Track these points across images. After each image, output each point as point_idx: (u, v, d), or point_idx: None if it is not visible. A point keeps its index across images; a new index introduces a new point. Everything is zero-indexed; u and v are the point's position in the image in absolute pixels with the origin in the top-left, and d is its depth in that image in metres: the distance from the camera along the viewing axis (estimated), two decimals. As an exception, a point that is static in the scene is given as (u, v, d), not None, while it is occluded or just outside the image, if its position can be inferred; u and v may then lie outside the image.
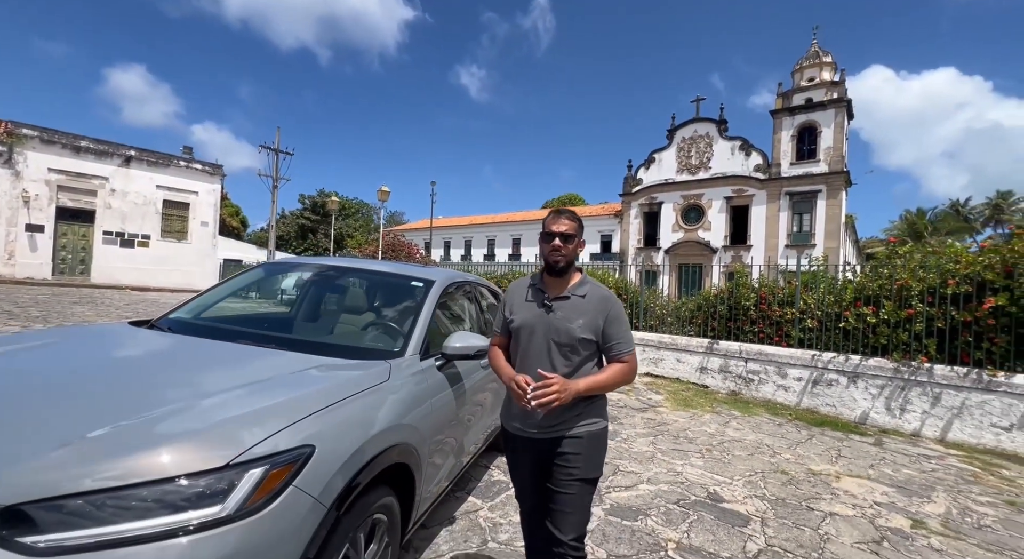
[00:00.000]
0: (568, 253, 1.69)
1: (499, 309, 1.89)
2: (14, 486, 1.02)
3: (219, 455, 1.15)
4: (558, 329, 1.67)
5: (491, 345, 1.89)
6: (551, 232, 1.71)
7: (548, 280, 1.76)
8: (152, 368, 1.82)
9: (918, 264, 5.73)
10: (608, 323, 1.68)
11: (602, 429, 1.72)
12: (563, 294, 1.72)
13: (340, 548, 1.38)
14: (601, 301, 1.71)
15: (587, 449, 1.67)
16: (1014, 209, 39.60)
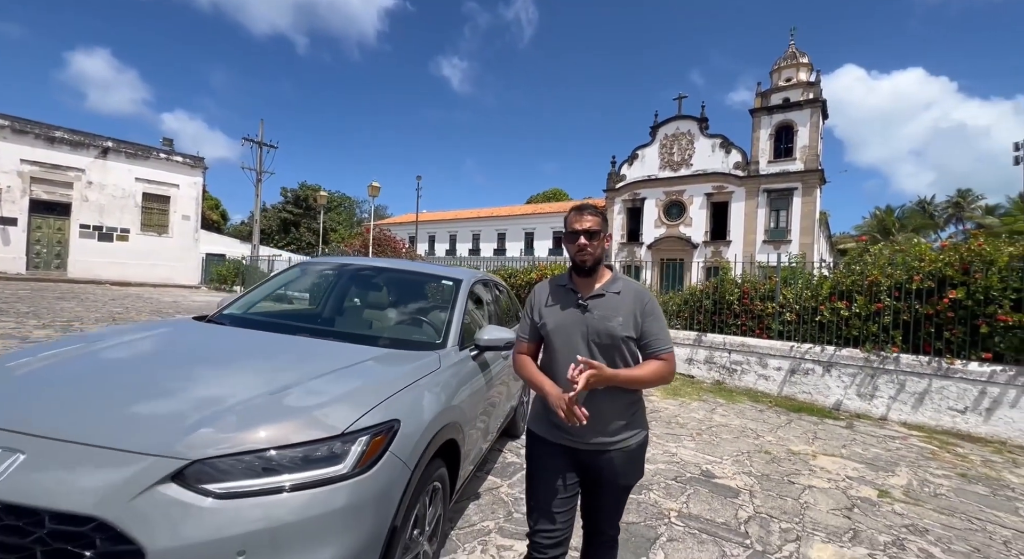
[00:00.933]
0: (595, 250, 1.62)
1: (524, 313, 1.78)
2: (198, 446, 1.27)
3: (336, 425, 1.41)
4: (598, 330, 1.59)
5: (517, 353, 1.75)
6: (575, 230, 1.62)
7: (578, 280, 1.67)
8: (250, 355, 2.05)
9: (887, 262, 6.21)
10: (645, 319, 1.60)
11: (646, 437, 1.69)
12: (597, 292, 1.64)
13: (414, 507, 1.65)
14: (637, 296, 1.64)
15: (633, 461, 1.66)
16: (973, 207, 41.80)
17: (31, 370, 1.68)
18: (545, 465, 1.66)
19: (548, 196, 51.06)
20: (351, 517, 1.32)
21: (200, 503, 1.19)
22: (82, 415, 1.38)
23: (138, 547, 1.11)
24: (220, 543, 1.15)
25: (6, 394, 1.50)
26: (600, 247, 1.64)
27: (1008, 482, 3.92)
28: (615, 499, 1.68)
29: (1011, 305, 5.17)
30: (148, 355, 1.99)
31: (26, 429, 1.28)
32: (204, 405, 1.44)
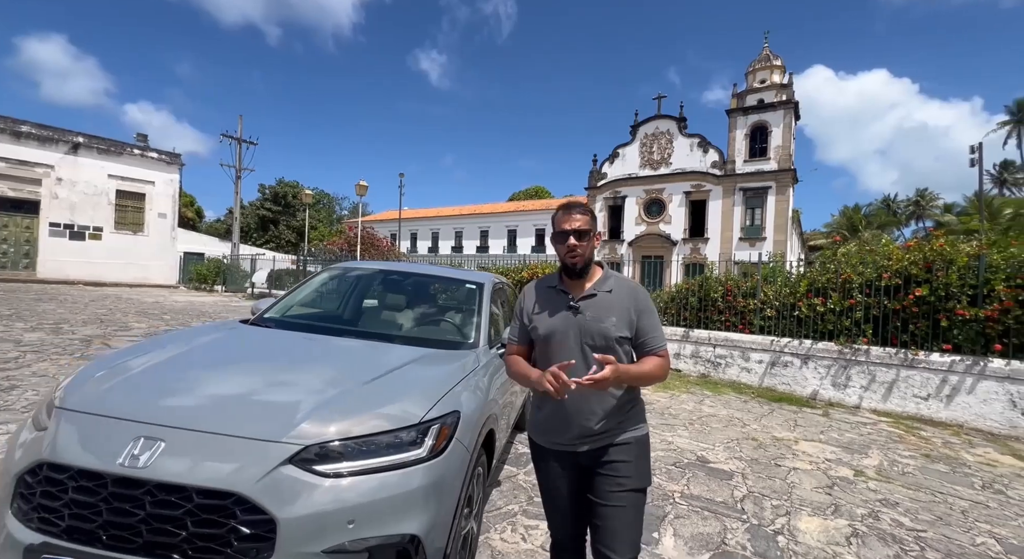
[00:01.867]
0: (585, 250, 1.56)
1: (514, 316, 1.74)
2: (305, 435, 1.47)
3: (413, 416, 1.63)
4: (591, 332, 1.54)
5: (507, 355, 1.70)
6: (564, 230, 1.56)
7: (568, 281, 1.62)
8: (318, 355, 2.24)
9: (858, 260, 6.68)
10: (640, 316, 1.56)
11: (646, 434, 1.64)
12: (589, 292, 1.58)
13: (469, 487, 1.88)
14: (630, 293, 1.60)
15: (636, 456, 1.58)
16: (932, 205, 44.20)
17: (142, 371, 1.83)
18: (548, 471, 1.64)
19: (530, 193, 51.37)
20: (431, 493, 1.54)
21: (314, 481, 1.40)
22: (205, 409, 1.57)
23: (271, 517, 1.31)
24: (334, 514, 1.36)
25: (136, 393, 1.66)
26: (590, 247, 1.58)
27: (965, 461, 4.36)
28: (623, 509, 1.51)
29: (968, 300, 5.66)
30: (233, 356, 2.18)
31: (163, 421, 1.46)
32: (303, 399, 1.65)
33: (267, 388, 1.78)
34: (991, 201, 30.37)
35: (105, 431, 1.45)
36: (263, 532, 1.32)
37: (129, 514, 1.32)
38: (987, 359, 5.52)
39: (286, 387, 1.79)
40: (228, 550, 1.31)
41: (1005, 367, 5.38)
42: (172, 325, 9.20)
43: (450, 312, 3.01)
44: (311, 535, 1.34)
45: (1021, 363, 5.32)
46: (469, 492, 1.94)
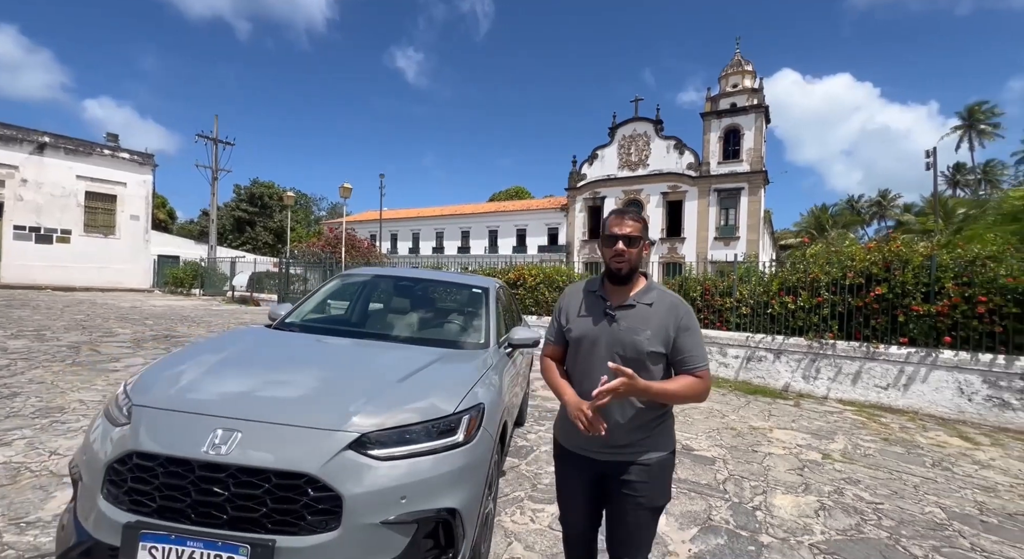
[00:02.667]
0: (632, 258, 1.55)
1: (554, 315, 1.74)
2: (359, 425, 1.69)
3: (448, 407, 1.87)
4: (623, 342, 1.53)
5: (543, 355, 1.74)
6: (613, 235, 1.55)
7: (610, 287, 1.62)
8: (352, 356, 2.47)
9: (825, 261, 7.17)
10: (679, 334, 1.53)
11: (671, 454, 1.61)
12: (627, 302, 1.57)
13: (491, 471, 2.13)
14: (670, 309, 1.56)
15: (657, 478, 1.56)
16: (893, 205, 46.45)
17: (205, 372, 2.00)
18: (566, 473, 1.69)
19: (510, 194, 51.65)
20: (467, 474, 1.79)
21: (371, 464, 1.62)
22: (270, 403, 1.78)
23: (338, 494, 1.53)
24: (389, 491, 1.59)
25: (207, 391, 1.85)
26: (639, 255, 1.56)
27: (919, 443, 4.82)
28: (637, 522, 1.55)
29: (922, 297, 6.18)
30: (278, 357, 2.39)
31: (237, 415, 1.67)
32: (352, 394, 1.87)
33: (318, 385, 2.00)
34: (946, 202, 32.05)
35: (187, 424, 1.64)
36: (331, 507, 1.54)
37: (215, 494, 1.52)
38: (938, 351, 6.05)
39: (334, 384, 2.01)
40: (302, 523, 1.52)
41: (953, 357, 5.92)
42: (157, 330, 9.13)
43: (460, 315, 3.24)
44: (371, 509, 1.56)
45: (967, 354, 5.86)
46: (491, 476, 2.19)
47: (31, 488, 2.67)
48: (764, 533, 2.77)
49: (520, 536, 2.59)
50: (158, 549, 1.48)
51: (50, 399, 4.28)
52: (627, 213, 1.59)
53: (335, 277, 3.61)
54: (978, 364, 5.82)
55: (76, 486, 1.75)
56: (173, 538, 1.49)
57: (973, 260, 6.05)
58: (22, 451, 3.16)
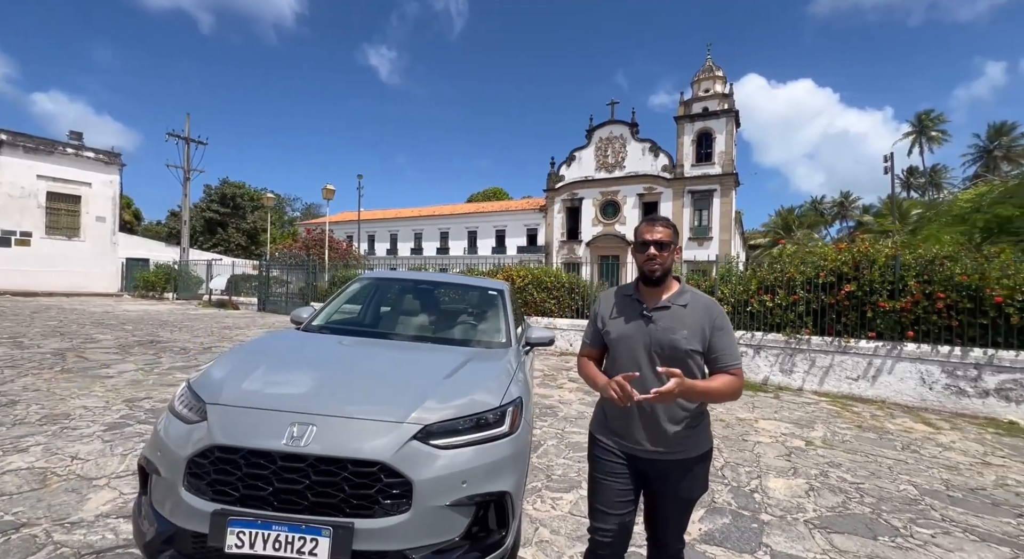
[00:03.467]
0: (664, 261, 1.63)
1: (590, 320, 1.83)
2: (420, 418, 1.84)
3: (494, 401, 2.04)
4: (661, 341, 1.60)
5: (580, 356, 1.83)
6: (645, 240, 1.64)
7: (644, 290, 1.69)
8: (397, 356, 2.62)
9: (800, 260, 7.62)
10: (714, 333, 1.60)
11: (707, 452, 1.69)
12: (662, 303, 1.65)
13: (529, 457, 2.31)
14: (705, 310, 1.63)
15: (698, 473, 1.66)
16: (853, 206, 48.85)
17: (266, 373, 2.12)
18: (604, 468, 1.69)
19: (488, 194, 51.76)
20: (513, 460, 1.96)
21: (435, 453, 1.78)
22: (338, 399, 1.91)
23: (408, 479, 1.69)
24: (452, 477, 1.75)
25: (275, 390, 1.97)
26: (670, 258, 1.65)
27: (888, 429, 5.24)
28: (676, 511, 1.67)
29: (888, 294, 6.67)
30: (328, 358, 2.53)
31: (309, 410, 1.80)
32: (409, 391, 2.02)
33: (374, 382, 2.15)
34: (901, 203, 33.89)
35: (264, 420, 1.76)
36: (402, 492, 1.69)
37: (296, 482, 1.65)
38: (903, 344, 6.54)
39: (389, 381, 2.16)
40: (376, 506, 1.67)
41: (916, 350, 6.42)
42: (139, 336, 8.92)
43: (481, 316, 3.39)
44: (437, 492, 1.72)
45: (928, 346, 6.37)
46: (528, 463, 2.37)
47: (63, 491, 2.70)
48: (763, 512, 3.05)
49: (545, 522, 2.78)
50: (246, 533, 1.60)
51: (52, 406, 4.23)
52: (657, 220, 1.68)
53: (354, 281, 3.69)
54: (937, 356, 6.33)
55: (148, 480, 1.85)
56: (259, 523, 1.61)
57: (932, 260, 6.57)
58: (42, 457, 3.16)
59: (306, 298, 15.15)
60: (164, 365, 6.41)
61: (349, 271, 15.04)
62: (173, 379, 5.66)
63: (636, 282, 1.75)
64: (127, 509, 2.54)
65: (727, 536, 2.71)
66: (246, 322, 13.05)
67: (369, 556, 1.63)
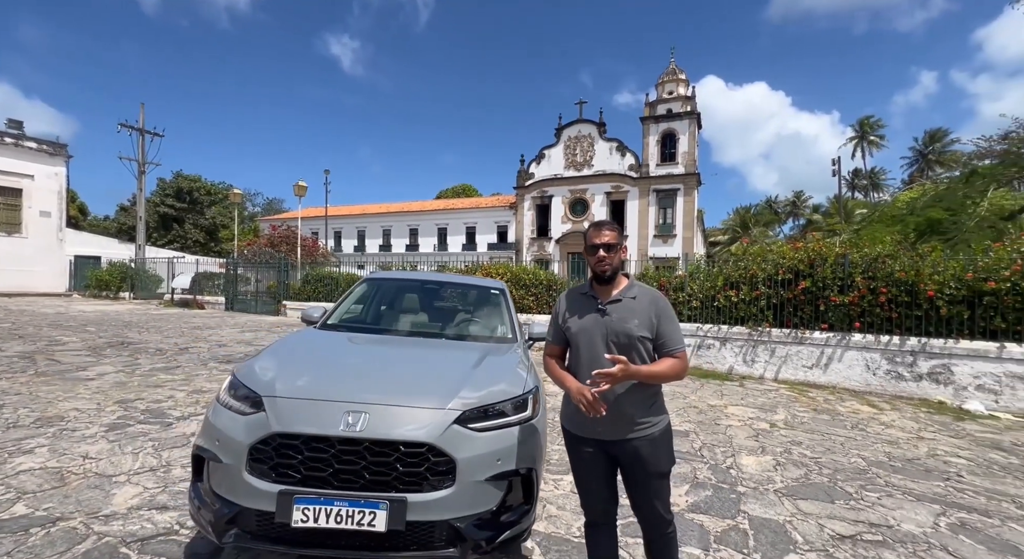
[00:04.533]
0: (613, 261, 1.83)
1: (552, 319, 2.03)
2: (459, 405, 2.06)
3: (518, 389, 2.28)
4: (616, 331, 1.79)
5: (546, 355, 2.00)
6: (595, 244, 1.83)
7: (598, 288, 1.90)
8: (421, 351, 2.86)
9: (761, 259, 8.23)
10: (660, 321, 1.80)
11: (667, 424, 1.87)
12: (615, 298, 1.85)
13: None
14: (652, 301, 1.84)
15: (661, 447, 1.82)
16: (804, 205, 51.78)
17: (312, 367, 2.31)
18: (579, 457, 1.90)
19: (458, 191, 51.57)
20: (536, 441, 2.21)
21: (473, 435, 2.01)
22: (384, 390, 2.12)
23: (451, 458, 1.91)
24: (488, 455, 1.99)
25: (326, 383, 2.17)
26: (618, 258, 1.85)
27: (839, 411, 5.84)
28: (654, 486, 1.81)
29: (838, 290, 7.34)
30: (363, 353, 2.74)
31: (360, 400, 2.00)
32: (444, 381, 2.25)
33: (411, 374, 2.37)
34: (847, 203, 36.30)
35: (320, 409, 1.95)
36: (447, 469, 1.92)
37: (353, 463, 1.85)
38: (851, 334, 7.22)
39: (424, 374, 2.40)
40: (424, 482, 1.89)
41: (862, 340, 7.11)
42: (107, 337, 8.61)
43: (486, 314, 3.62)
44: (476, 469, 1.95)
45: (872, 336, 7.07)
46: None
47: (86, 488, 2.76)
48: (739, 485, 3.44)
49: (551, 500, 3.07)
50: (310, 509, 1.80)
51: (41, 409, 4.17)
52: (603, 225, 1.87)
53: (361, 282, 3.80)
54: (880, 345, 7.04)
55: (204, 466, 2.01)
56: (322, 500, 1.81)
57: (876, 258, 7.28)
58: (51, 457, 3.18)
59: (278, 297, 14.85)
60: (144, 367, 6.29)
61: (323, 270, 14.84)
62: (158, 380, 5.60)
63: (590, 281, 1.95)
64: (156, 502, 2.65)
65: (711, 505, 3.08)
66: (216, 322, 12.70)
67: (420, 525, 1.86)
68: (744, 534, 2.72)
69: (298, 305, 14.43)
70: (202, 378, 5.87)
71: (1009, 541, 2.76)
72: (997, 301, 6.35)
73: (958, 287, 6.59)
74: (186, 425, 4.02)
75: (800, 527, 2.81)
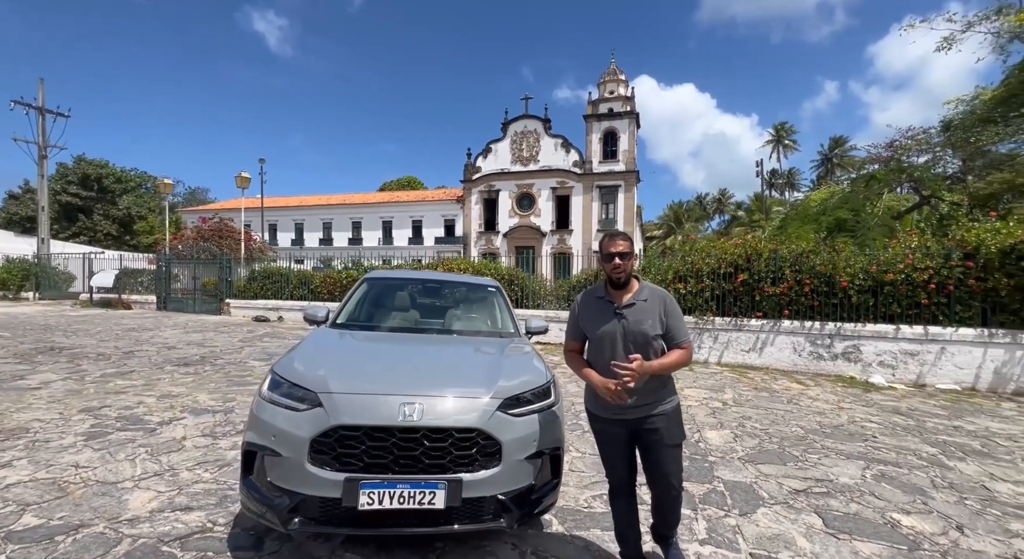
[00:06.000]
0: (627, 268, 2.05)
1: (571, 318, 2.25)
2: (499, 394, 2.28)
3: (542, 379, 2.54)
4: (634, 332, 2.02)
5: (567, 350, 2.24)
6: (611, 253, 2.05)
7: (613, 292, 2.12)
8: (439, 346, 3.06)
9: (706, 254, 9.04)
10: (668, 318, 2.04)
11: (677, 403, 2.14)
12: (630, 302, 2.07)
13: None
14: (660, 300, 2.08)
15: (672, 422, 2.08)
16: (729, 202, 56.05)
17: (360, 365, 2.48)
18: (604, 434, 2.18)
19: (402, 183, 50.40)
20: (559, 423, 2.49)
21: (513, 419, 2.25)
22: (431, 382, 2.31)
23: (498, 440, 2.15)
24: (527, 437, 2.24)
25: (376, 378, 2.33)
26: (631, 265, 2.07)
27: (775, 389, 6.66)
28: (668, 457, 2.07)
29: (771, 282, 8.26)
30: (389, 349, 2.93)
31: (412, 392, 2.17)
32: (482, 373, 2.48)
33: (447, 367, 2.60)
34: (766, 200, 39.82)
35: (378, 403, 2.09)
36: (493, 451, 2.15)
37: (412, 450, 2.03)
38: (781, 321, 8.18)
39: (460, 366, 2.62)
40: (474, 463, 2.12)
41: (790, 326, 8.08)
42: (31, 343, 7.81)
43: (488, 310, 3.82)
44: (517, 449, 2.20)
45: (798, 322, 8.05)
46: None
47: (94, 496, 2.69)
48: (710, 456, 3.95)
49: (552, 477, 3.37)
50: (375, 493, 1.97)
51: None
52: (617, 235, 2.09)
53: (362, 281, 3.82)
54: (804, 329, 8.04)
55: (258, 461, 2.11)
56: (386, 484, 1.99)
57: (801, 253, 8.27)
58: (37, 469, 3.02)
59: (220, 295, 13.96)
60: (93, 373, 5.85)
61: (271, 266, 14.15)
62: (116, 387, 5.27)
63: (604, 285, 2.17)
64: (177, 504, 2.65)
65: (690, 474, 3.53)
66: (152, 323, 11.77)
67: (473, 501, 2.09)
68: (722, 495, 3.19)
69: (244, 304, 13.66)
70: (165, 382, 5.58)
71: (916, 485, 3.45)
72: (894, 290, 7.50)
73: (865, 278, 7.69)
74: (172, 430, 3.90)
75: (764, 486, 3.33)
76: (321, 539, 2.37)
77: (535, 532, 2.58)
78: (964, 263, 7.08)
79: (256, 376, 6.15)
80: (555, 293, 10.71)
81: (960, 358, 7.04)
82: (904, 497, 3.22)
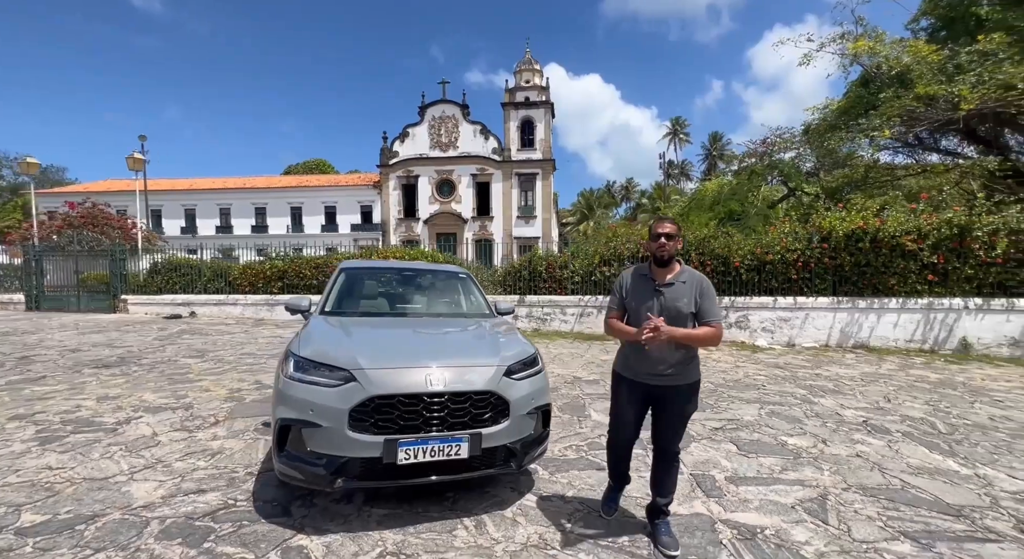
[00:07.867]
0: (671, 248, 2.22)
1: (615, 291, 2.42)
2: (503, 361, 2.69)
3: (530, 349, 3.00)
4: (670, 309, 2.19)
5: (608, 318, 2.41)
6: (658, 233, 2.23)
7: (655, 270, 2.28)
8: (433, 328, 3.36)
9: (626, 239, 10.06)
10: (702, 298, 2.21)
11: (698, 380, 2.32)
12: (670, 281, 2.24)
13: None
14: (697, 282, 2.24)
15: (689, 395, 2.29)
16: (634, 190, 60.50)
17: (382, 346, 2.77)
18: (626, 396, 2.37)
19: (310, 167, 47.15)
20: (547, 386, 2.98)
21: (514, 383, 2.68)
22: (446, 355, 2.67)
23: (507, 400, 2.58)
24: (527, 396, 2.69)
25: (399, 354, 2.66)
26: (675, 246, 2.25)
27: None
28: (677, 423, 2.31)
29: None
30: (391, 331, 3.25)
31: (433, 363, 2.51)
32: (483, 345, 2.90)
33: (452, 342, 3.01)
34: (666, 189, 43.72)
35: (405, 374, 2.41)
36: (503, 408, 2.58)
37: (439, 411, 2.39)
38: (690, 298, 9.45)
39: (464, 341, 3.04)
40: (488, 419, 2.53)
41: (698, 301, 9.38)
42: None
43: (465, 294, 4.12)
44: (521, 406, 2.65)
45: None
46: None
47: (91, 491, 2.66)
48: (646, 408, 4.72)
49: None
50: (411, 450, 2.32)
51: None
52: (665, 219, 2.31)
53: (340, 271, 3.92)
54: (708, 304, 9.39)
55: (293, 433, 2.37)
56: (419, 441, 2.34)
57: (704, 238, 9.59)
58: (24, 472, 2.88)
59: (114, 291, 12.41)
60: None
61: (179, 257, 12.87)
62: (34, 393, 4.79)
63: (649, 263, 2.36)
64: (186, 489, 2.73)
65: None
66: (30, 325, 10.22)
67: (489, 450, 2.52)
68: (662, 436, 3.93)
69: (147, 299, 12.31)
70: (94, 385, 5.15)
71: (795, 417, 4.50)
72: (774, 268, 9.06)
73: (752, 259, 9.18)
74: (137, 428, 3.77)
75: (692, 428, 4.15)
76: (344, 500, 2.65)
77: (527, 478, 3.07)
78: (821, 244, 8.77)
79: (196, 373, 5.87)
80: (492, 278, 11.21)
81: (819, 322, 8.76)
82: (787, 425, 4.22)
